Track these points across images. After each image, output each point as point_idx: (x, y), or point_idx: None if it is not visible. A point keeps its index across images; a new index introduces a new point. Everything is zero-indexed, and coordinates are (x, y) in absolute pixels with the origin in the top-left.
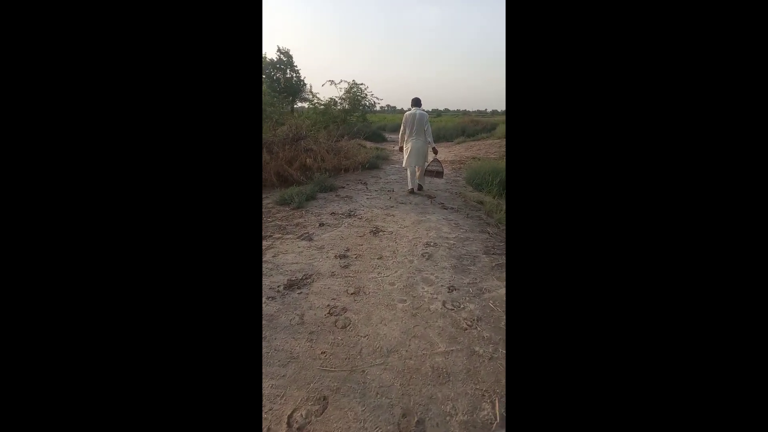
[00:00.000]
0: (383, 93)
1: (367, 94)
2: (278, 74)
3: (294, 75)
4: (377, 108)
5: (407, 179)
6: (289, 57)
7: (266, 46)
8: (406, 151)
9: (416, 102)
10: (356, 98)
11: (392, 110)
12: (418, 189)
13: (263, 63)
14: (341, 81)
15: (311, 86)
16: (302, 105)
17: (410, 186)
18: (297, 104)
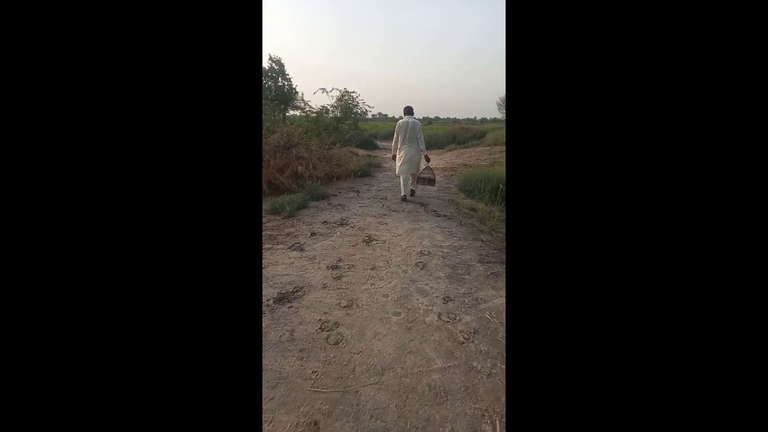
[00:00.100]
0: (380, 95)
1: (359, 102)
2: (270, 82)
3: (286, 83)
4: (369, 116)
5: (400, 186)
6: (281, 65)
7: (266, 47)
8: (399, 159)
9: (408, 110)
10: (348, 106)
11: (384, 118)
12: (411, 195)
13: None
14: (333, 89)
15: (303, 94)
16: (294, 113)
17: (403, 193)
18: (289, 112)
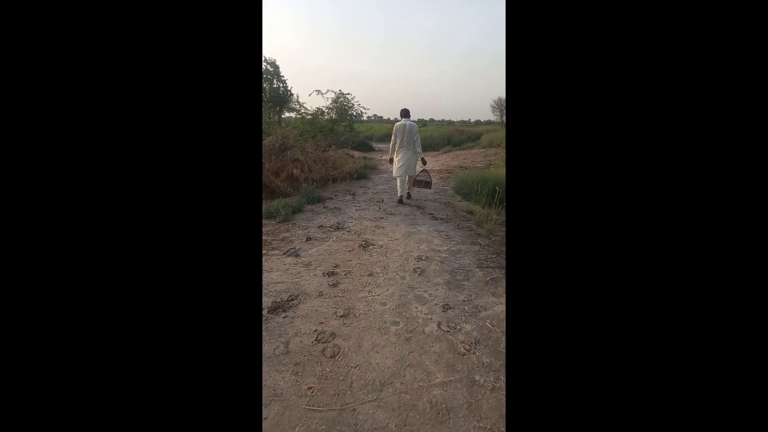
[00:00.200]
0: (375, 97)
1: (354, 104)
2: (265, 84)
3: (281, 85)
4: (364, 117)
5: (396, 188)
6: (276, 67)
7: (266, 47)
8: (397, 162)
9: (405, 113)
10: (343, 108)
11: (379, 120)
12: (407, 198)
13: None
14: (328, 91)
15: (298, 96)
16: (290, 115)
17: (400, 193)
18: (284, 114)
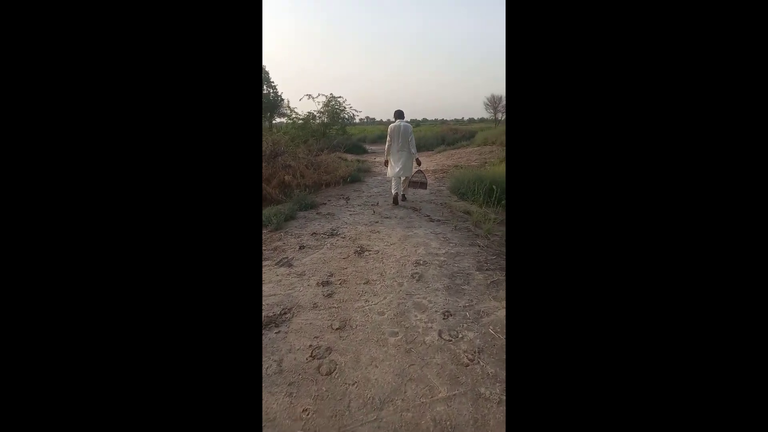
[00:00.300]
0: (367, 98)
1: (346, 107)
2: None
3: (271, 90)
4: (356, 120)
5: (392, 189)
6: (265, 72)
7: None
8: (393, 163)
9: (399, 114)
10: (335, 111)
11: (372, 122)
12: (402, 200)
13: None
14: (319, 95)
15: (288, 101)
16: (281, 120)
17: (394, 191)
18: (275, 119)
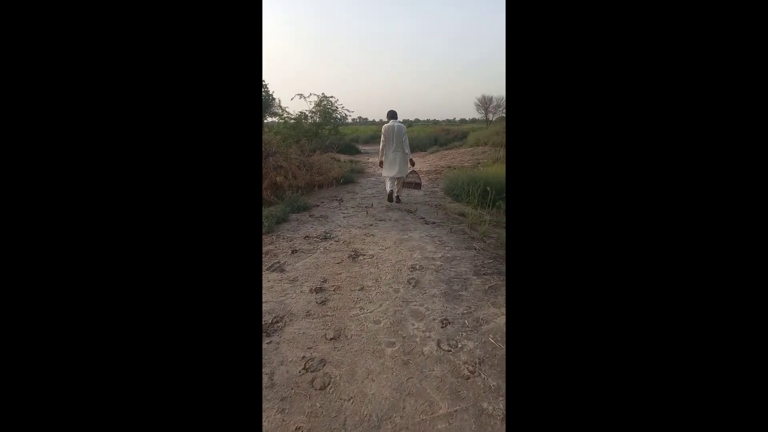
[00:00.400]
0: (360, 99)
1: (338, 107)
2: None
3: (262, 90)
4: (349, 120)
5: (386, 186)
6: None
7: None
8: (388, 164)
9: (393, 114)
10: (327, 111)
11: (364, 122)
12: (397, 201)
13: None
14: (311, 94)
15: (280, 100)
16: (272, 120)
17: (389, 189)
18: (267, 119)
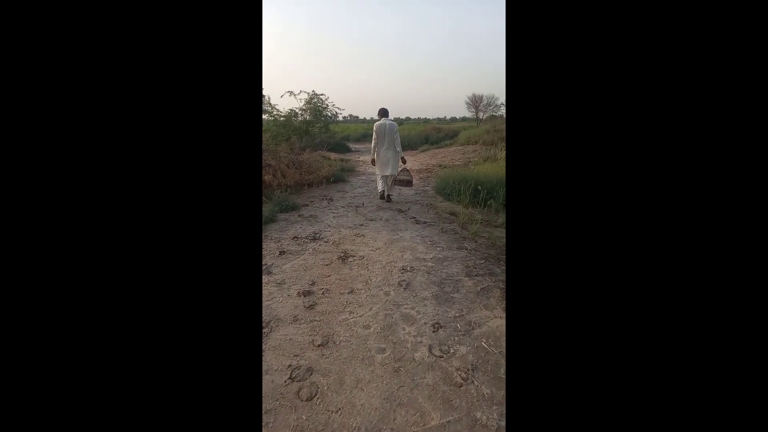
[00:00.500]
0: (351, 97)
1: (328, 105)
2: None
3: None
4: (340, 118)
5: (377, 185)
6: None
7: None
8: (380, 162)
9: (384, 112)
10: (317, 109)
11: (355, 120)
12: (388, 200)
13: None
14: (300, 92)
15: (269, 97)
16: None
17: (380, 189)
18: None
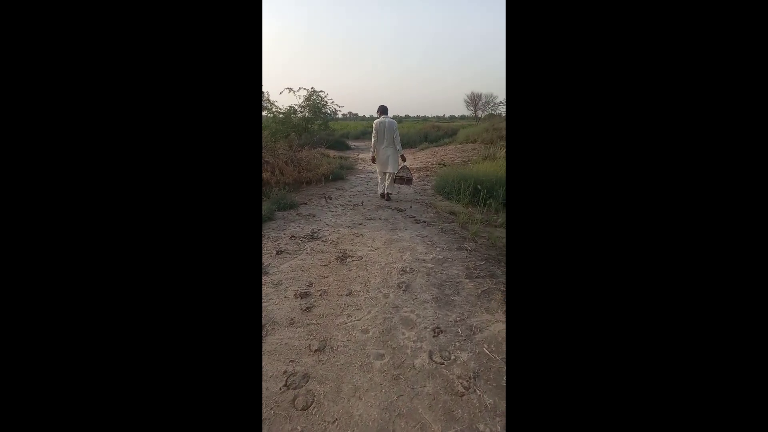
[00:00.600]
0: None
1: (328, 102)
2: None
3: None
4: (339, 115)
5: (377, 184)
6: None
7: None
8: (381, 160)
9: (384, 110)
10: (317, 106)
11: (354, 117)
12: (387, 199)
13: None
14: (300, 88)
15: (268, 94)
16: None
17: (380, 188)
18: None
